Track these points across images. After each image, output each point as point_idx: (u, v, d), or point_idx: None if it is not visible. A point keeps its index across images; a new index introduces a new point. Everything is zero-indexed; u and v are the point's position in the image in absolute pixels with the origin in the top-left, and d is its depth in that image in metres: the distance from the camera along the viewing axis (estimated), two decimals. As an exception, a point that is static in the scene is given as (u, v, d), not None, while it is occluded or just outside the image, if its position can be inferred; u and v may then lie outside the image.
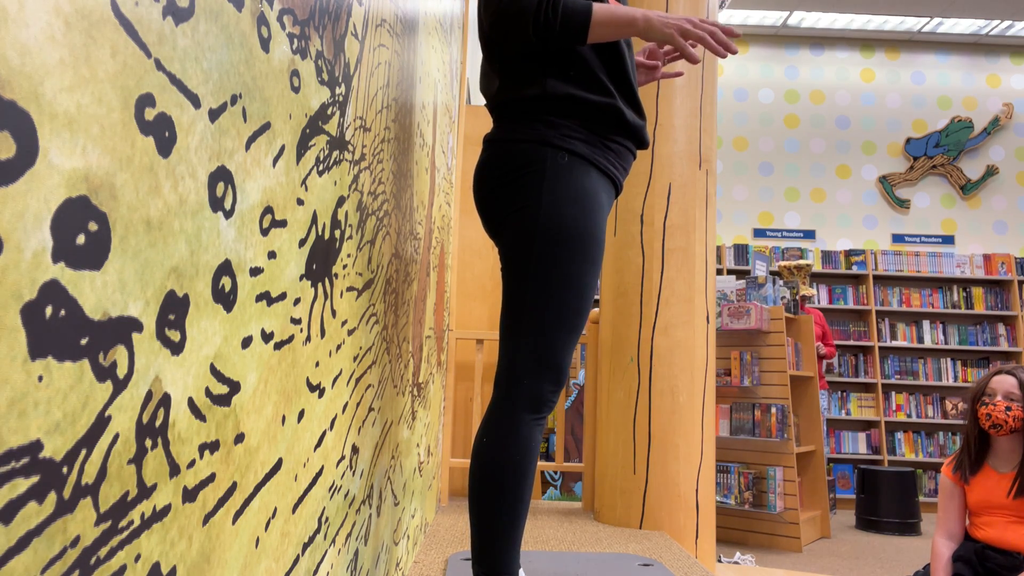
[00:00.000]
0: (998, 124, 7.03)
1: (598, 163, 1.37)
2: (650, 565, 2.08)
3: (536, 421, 1.35)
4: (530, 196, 1.33)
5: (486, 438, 1.34)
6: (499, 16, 1.33)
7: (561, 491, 4.34)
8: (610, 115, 1.39)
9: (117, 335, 0.43)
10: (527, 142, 1.36)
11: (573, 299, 1.34)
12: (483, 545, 1.33)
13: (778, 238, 6.92)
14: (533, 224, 1.32)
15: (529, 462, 1.33)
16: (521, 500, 1.33)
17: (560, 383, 1.36)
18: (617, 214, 2.90)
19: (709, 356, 2.81)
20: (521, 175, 1.35)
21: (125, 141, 0.43)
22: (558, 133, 1.35)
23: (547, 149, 1.34)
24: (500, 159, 1.39)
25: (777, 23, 6.95)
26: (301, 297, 0.79)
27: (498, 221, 1.40)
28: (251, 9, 0.62)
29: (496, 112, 1.44)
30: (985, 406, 2.32)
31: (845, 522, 5.24)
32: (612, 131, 1.40)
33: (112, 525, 0.43)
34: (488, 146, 1.44)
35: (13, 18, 0.33)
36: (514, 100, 1.39)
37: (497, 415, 1.35)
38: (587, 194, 1.34)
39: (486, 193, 1.41)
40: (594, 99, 1.37)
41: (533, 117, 1.37)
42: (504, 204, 1.37)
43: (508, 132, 1.39)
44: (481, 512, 1.33)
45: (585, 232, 1.33)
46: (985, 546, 2.31)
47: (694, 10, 2.93)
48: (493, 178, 1.39)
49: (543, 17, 1.30)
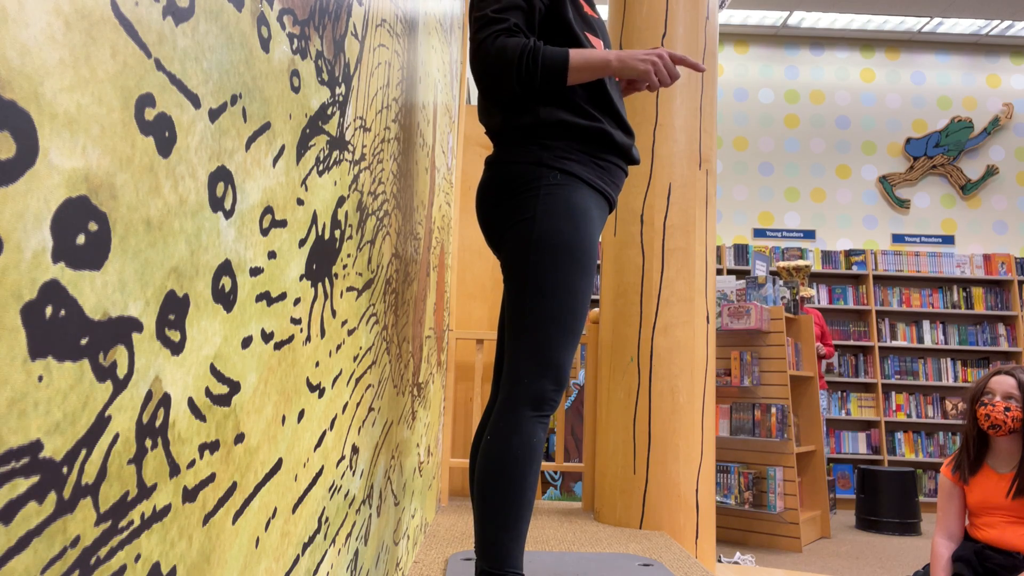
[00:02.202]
0: (998, 124, 7.03)
1: (590, 181, 1.49)
2: (650, 565, 2.08)
3: (538, 419, 1.41)
4: (526, 211, 1.45)
5: (489, 435, 1.41)
6: (485, 72, 1.46)
7: (561, 491, 4.34)
8: (599, 137, 1.51)
9: (117, 335, 0.43)
10: (524, 163, 1.48)
11: (567, 303, 1.43)
12: (487, 540, 1.37)
13: (778, 238, 6.92)
14: (529, 236, 1.44)
15: (532, 459, 1.39)
16: (525, 495, 1.38)
17: (560, 382, 1.43)
18: (617, 214, 2.90)
19: (709, 356, 2.81)
20: (519, 193, 1.47)
21: (125, 141, 0.43)
22: (552, 154, 1.47)
23: (542, 169, 1.46)
24: (500, 179, 1.51)
25: (777, 23, 6.94)
26: (301, 297, 0.79)
27: (499, 234, 1.52)
28: (251, 9, 0.62)
29: (496, 138, 1.57)
30: (984, 406, 2.32)
31: (845, 522, 5.24)
32: (602, 151, 1.52)
33: (112, 525, 0.43)
34: (489, 167, 1.56)
35: (13, 18, 0.33)
36: (511, 127, 1.51)
37: (499, 412, 1.42)
38: (578, 209, 1.46)
39: (488, 210, 1.53)
40: (583, 123, 1.49)
41: (529, 140, 1.49)
42: (504, 219, 1.49)
43: (507, 154, 1.52)
44: (485, 507, 1.38)
45: (576, 244, 1.44)
46: (985, 546, 2.31)
47: (694, 10, 2.93)
48: (493, 196, 1.51)
49: (524, 70, 1.42)
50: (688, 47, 2.90)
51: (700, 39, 2.93)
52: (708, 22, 2.96)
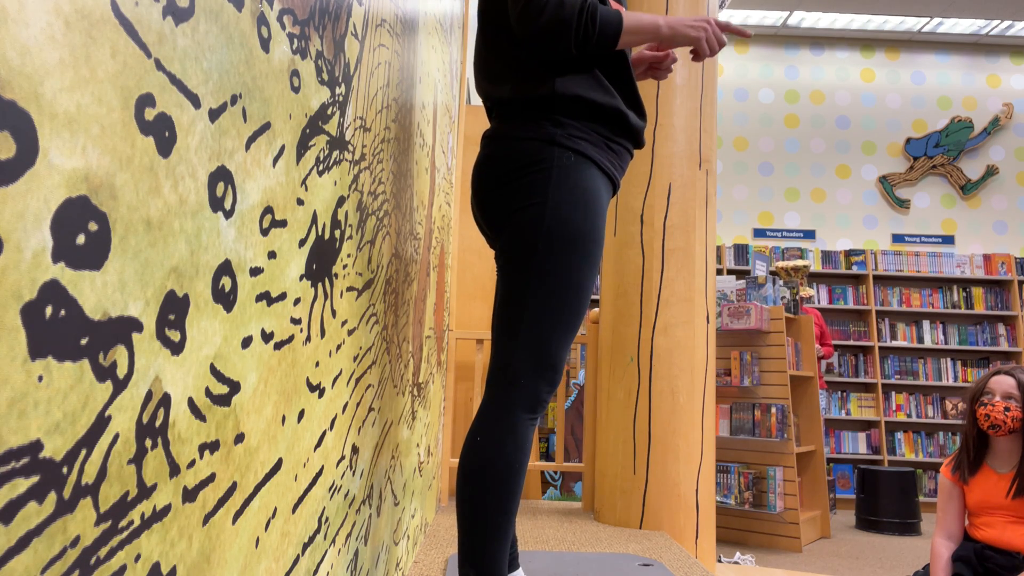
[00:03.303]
0: (998, 124, 7.03)
1: (601, 164, 1.38)
2: (650, 565, 2.08)
3: (531, 421, 1.34)
4: (535, 195, 1.32)
5: (480, 438, 1.32)
6: (542, 30, 1.33)
7: (561, 491, 4.34)
8: (614, 117, 1.40)
9: (117, 335, 0.43)
10: (533, 140, 1.35)
11: (573, 300, 1.34)
12: (475, 546, 1.30)
13: (778, 238, 6.92)
14: (538, 224, 1.32)
15: (524, 463, 1.33)
16: (515, 499, 1.32)
17: (555, 383, 1.36)
18: (617, 214, 2.90)
19: (709, 356, 2.81)
20: (526, 173, 1.34)
21: (125, 141, 0.43)
22: (565, 132, 1.35)
23: (554, 148, 1.34)
24: (504, 156, 1.37)
25: (777, 23, 6.94)
26: (301, 297, 0.79)
27: (499, 219, 1.39)
28: (251, 9, 0.62)
29: (500, 110, 1.43)
30: (984, 406, 2.32)
31: (845, 522, 5.24)
32: (615, 132, 1.42)
33: (112, 525, 0.43)
34: (489, 143, 1.42)
35: (13, 18, 0.33)
36: (521, 99, 1.38)
37: (494, 415, 1.33)
38: (591, 195, 1.35)
39: (487, 190, 1.40)
40: (600, 101, 1.37)
41: (540, 116, 1.36)
42: (506, 202, 1.36)
43: (513, 129, 1.38)
44: (475, 513, 1.31)
45: (589, 234, 1.33)
46: (985, 546, 2.31)
47: (694, 10, 2.93)
48: (495, 175, 1.38)
49: (583, 29, 1.32)
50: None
51: (700, 39, 2.93)
52: (708, 22, 2.96)
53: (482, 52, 1.48)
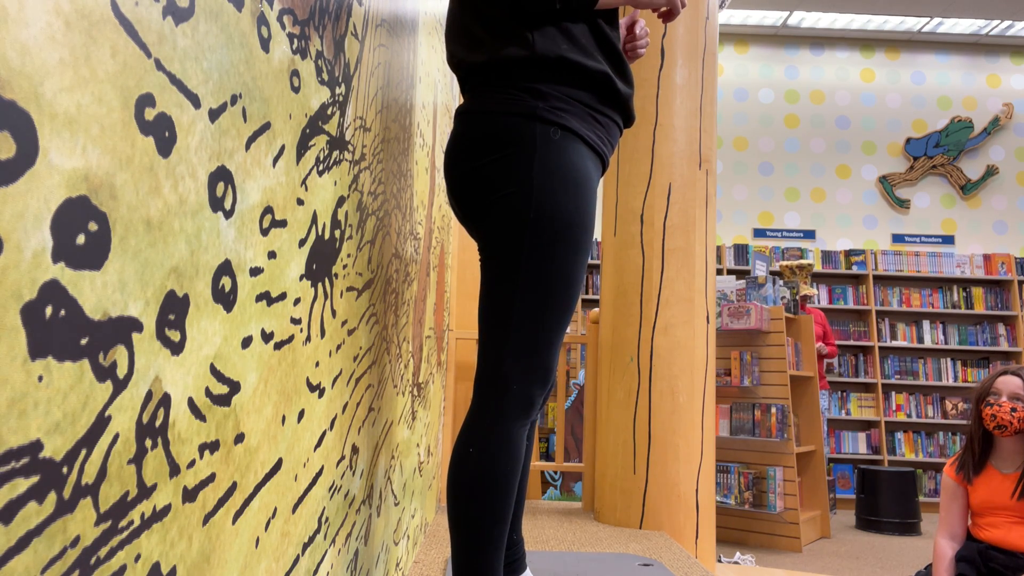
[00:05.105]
0: (998, 124, 7.03)
1: (587, 138, 1.24)
2: (650, 565, 2.08)
3: (524, 425, 1.25)
4: (519, 179, 1.18)
5: (473, 448, 1.22)
6: None
7: (561, 491, 4.34)
8: (602, 83, 1.26)
9: (117, 335, 0.43)
10: (512, 115, 1.20)
11: (563, 293, 1.22)
12: (470, 558, 1.22)
13: (778, 238, 6.92)
14: (524, 212, 1.18)
15: (519, 464, 1.25)
16: (511, 504, 1.24)
17: (548, 383, 1.26)
18: (617, 214, 2.90)
19: (709, 356, 2.81)
20: (506, 153, 1.19)
21: (125, 141, 0.43)
22: (548, 105, 1.20)
23: (535, 123, 1.19)
24: (479, 134, 1.22)
25: (777, 23, 6.94)
26: (301, 297, 0.79)
27: (477, 206, 1.24)
28: (251, 9, 0.62)
29: (473, 79, 1.27)
30: (990, 406, 2.32)
31: (845, 522, 5.24)
32: (602, 102, 1.28)
33: (112, 525, 0.43)
34: (463, 118, 1.26)
35: (13, 18, 0.33)
36: (497, 63, 1.22)
37: (487, 424, 1.23)
38: (580, 176, 1.21)
39: (461, 173, 1.25)
40: (586, 64, 1.23)
41: (518, 85, 1.21)
42: (485, 187, 1.21)
43: (489, 103, 1.22)
44: (471, 525, 1.21)
45: (578, 221, 1.21)
46: (988, 546, 2.31)
47: (694, 10, 2.93)
48: (471, 156, 1.23)
49: None
50: (688, 47, 2.90)
51: (700, 39, 2.93)
52: (708, 22, 2.96)
53: (457, 16, 1.33)
